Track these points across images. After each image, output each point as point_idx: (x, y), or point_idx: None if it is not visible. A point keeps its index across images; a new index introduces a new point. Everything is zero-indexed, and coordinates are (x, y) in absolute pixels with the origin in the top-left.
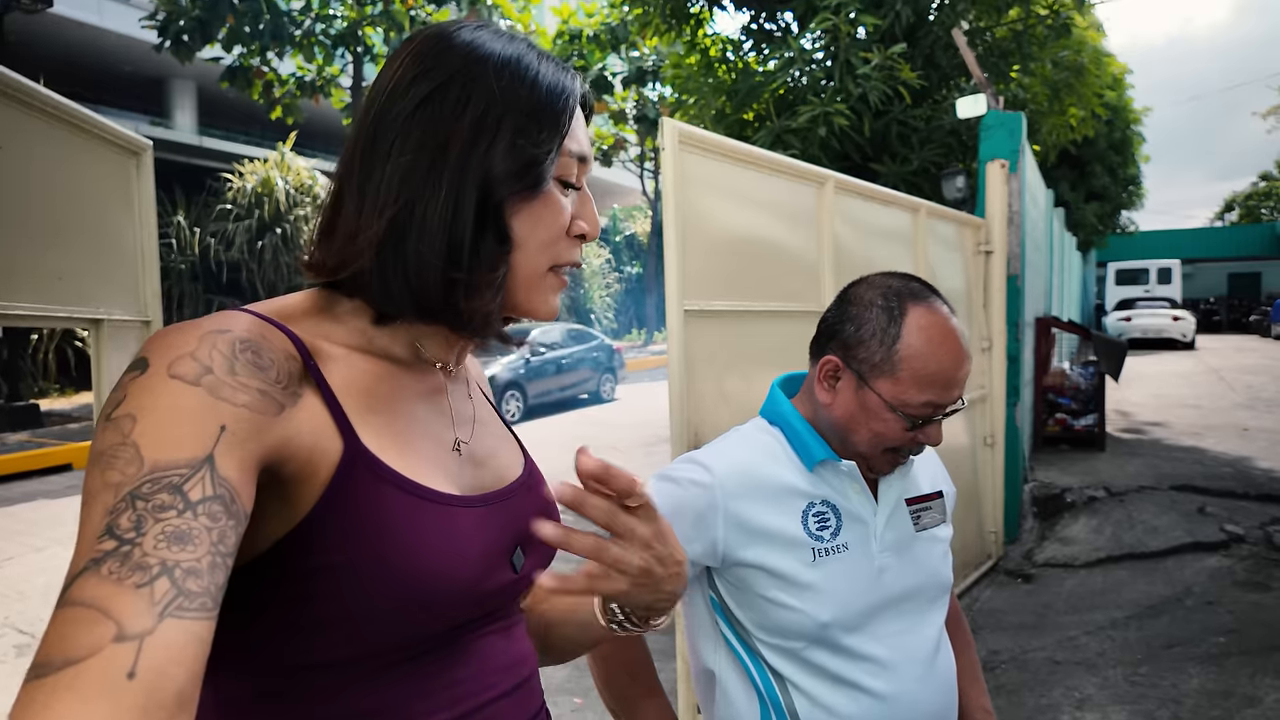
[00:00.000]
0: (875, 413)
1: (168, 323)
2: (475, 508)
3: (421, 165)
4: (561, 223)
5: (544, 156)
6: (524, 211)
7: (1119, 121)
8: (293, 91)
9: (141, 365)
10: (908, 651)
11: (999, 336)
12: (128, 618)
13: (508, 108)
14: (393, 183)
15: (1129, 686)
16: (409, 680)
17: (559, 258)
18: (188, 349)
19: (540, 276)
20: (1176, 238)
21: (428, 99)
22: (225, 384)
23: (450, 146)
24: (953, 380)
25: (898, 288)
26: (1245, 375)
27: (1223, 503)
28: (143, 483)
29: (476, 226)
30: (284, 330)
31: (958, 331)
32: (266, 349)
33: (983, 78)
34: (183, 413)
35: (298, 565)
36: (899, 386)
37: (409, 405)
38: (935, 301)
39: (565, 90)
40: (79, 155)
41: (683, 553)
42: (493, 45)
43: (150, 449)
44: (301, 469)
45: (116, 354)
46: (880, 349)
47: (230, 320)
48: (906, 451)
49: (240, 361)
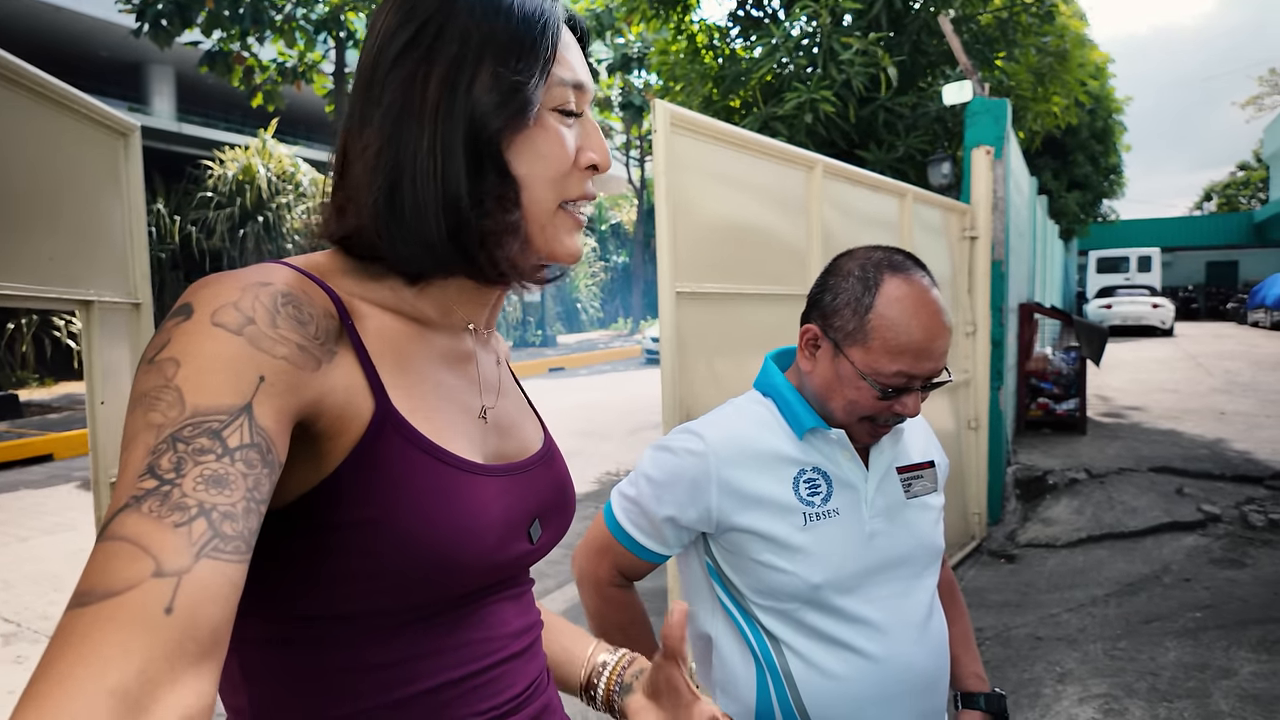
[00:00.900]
0: (849, 380)
1: (156, 306)
2: (498, 476)
3: (405, 113)
4: (564, 153)
5: (526, 82)
6: (520, 145)
7: (1101, 111)
8: (274, 78)
9: (186, 311)
10: (900, 615)
11: (983, 321)
12: (167, 555)
13: (484, 41)
14: (382, 136)
15: (1108, 660)
16: (420, 638)
17: (567, 191)
18: (231, 299)
19: (551, 215)
20: (1156, 226)
21: (406, 46)
22: (266, 336)
23: (429, 88)
24: (925, 351)
25: (877, 258)
26: (1222, 361)
27: (1200, 484)
28: (184, 426)
29: (472, 168)
30: (323, 286)
31: (934, 303)
32: (307, 304)
33: (968, 65)
34: (224, 361)
35: (323, 519)
36: (870, 355)
37: (439, 369)
38: (914, 273)
39: (543, 13)
40: (67, 136)
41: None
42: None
43: (192, 393)
44: (333, 425)
45: (106, 336)
46: (854, 318)
47: (273, 273)
48: (885, 420)
49: (282, 315)
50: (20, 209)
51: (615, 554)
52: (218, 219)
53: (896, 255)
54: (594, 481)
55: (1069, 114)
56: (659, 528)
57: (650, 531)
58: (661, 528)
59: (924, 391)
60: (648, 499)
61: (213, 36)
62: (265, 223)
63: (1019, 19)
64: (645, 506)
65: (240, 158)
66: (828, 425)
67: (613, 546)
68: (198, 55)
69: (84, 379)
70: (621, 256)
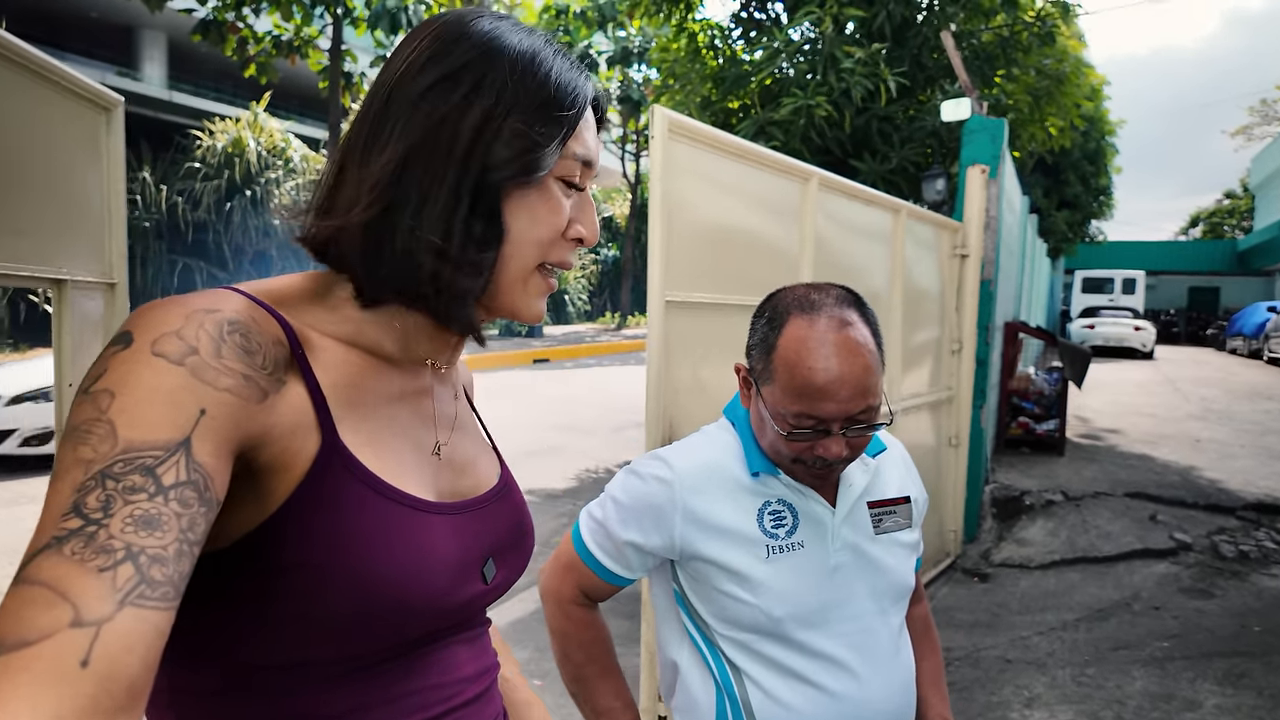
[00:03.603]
0: (766, 420)
1: (132, 285)
2: (449, 515)
3: (427, 148)
4: (559, 221)
5: (544, 145)
6: (518, 201)
7: (1094, 132)
8: (268, 50)
9: (125, 339)
10: (862, 651)
11: (969, 339)
12: (87, 602)
13: (516, 99)
14: (394, 162)
15: (1076, 687)
16: (371, 686)
17: (549, 256)
18: (174, 326)
19: (528, 274)
20: (1142, 249)
21: (439, 83)
22: (209, 366)
23: (456, 133)
24: (822, 392)
25: (792, 298)
26: (1200, 388)
27: (1173, 511)
28: (115, 462)
29: (470, 208)
30: (274, 315)
31: (839, 343)
32: (255, 332)
33: (968, 82)
34: (163, 393)
35: (267, 560)
36: (774, 395)
37: (392, 405)
38: (824, 312)
39: (577, 89)
40: (47, 108)
41: None
42: (510, 38)
43: (126, 427)
44: (277, 459)
45: (78, 316)
46: (762, 357)
47: (220, 299)
48: (813, 463)
49: (228, 344)
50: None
51: (579, 573)
52: (205, 190)
53: (816, 293)
54: (573, 478)
55: (1064, 137)
56: (622, 551)
57: (614, 554)
58: (625, 551)
59: (848, 435)
60: (613, 522)
61: (207, 4)
62: (253, 197)
63: (1020, 38)
64: (610, 529)
65: (230, 129)
66: (776, 468)
67: (577, 566)
68: (191, 22)
69: (52, 360)
70: (613, 249)
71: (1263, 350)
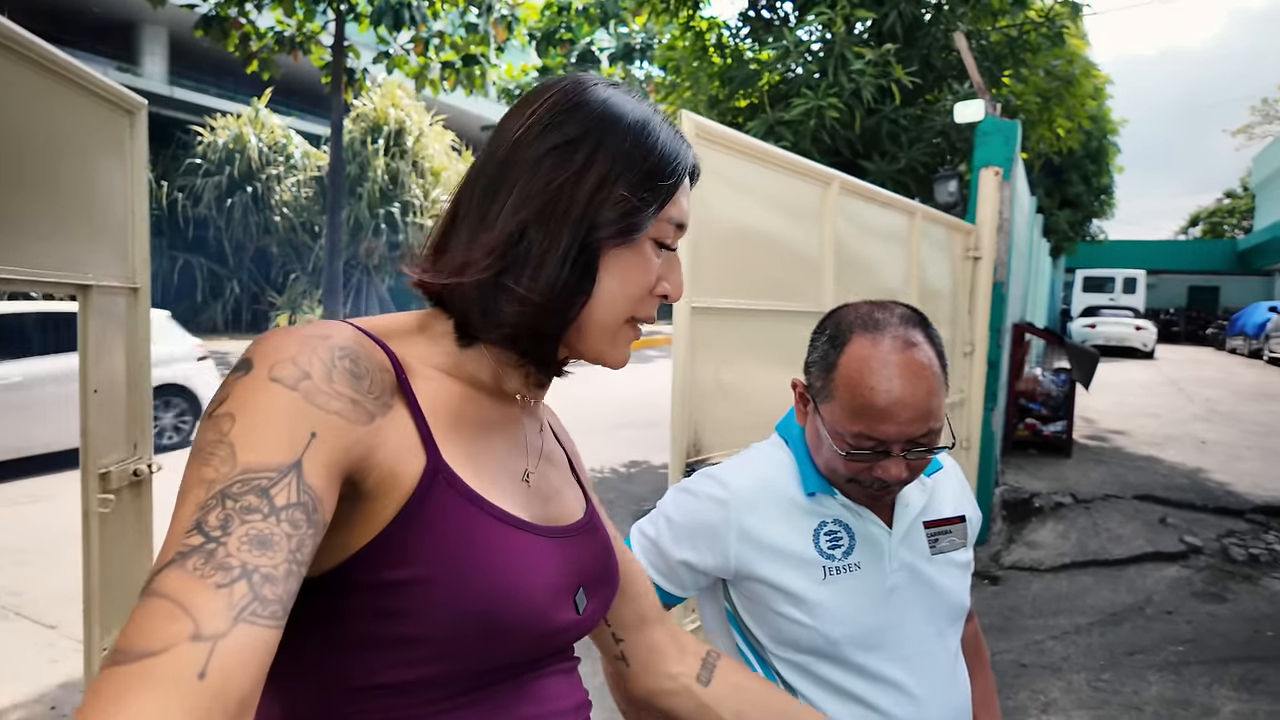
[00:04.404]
0: (825, 439)
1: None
2: (545, 538)
3: (547, 210)
4: (648, 280)
5: (644, 209)
6: (615, 260)
7: (1097, 131)
8: (270, 46)
9: (246, 366)
10: (920, 673)
11: (981, 342)
12: (205, 617)
13: (627, 167)
14: (511, 218)
15: (1092, 692)
16: (470, 714)
17: (638, 311)
18: (290, 354)
19: (618, 326)
20: (1142, 248)
21: (558, 149)
22: (321, 390)
23: (576, 197)
24: (884, 413)
25: (855, 315)
26: (1203, 388)
27: (1182, 514)
28: (233, 482)
29: (572, 263)
30: (380, 344)
31: (903, 364)
32: (363, 358)
33: (981, 84)
34: (278, 416)
35: (374, 579)
36: (834, 415)
37: (488, 431)
38: (888, 331)
39: (680, 160)
40: (71, 112)
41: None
42: (624, 108)
43: (244, 450)
44: (384, 480)
45: (103, 320)
46: (821, 375)
47: (332, 329)
48: (870, 484)
49: (338, 369)
50: (19, 187)
51: None
52: (206, 186)
53: (880, 312)
54: None
55: (1071, 138)
56: (675, 570)
57: (666, 573)
58: (677, 570)
59: (908, 457)
60: (666, 540)
61: (210, 0)
62: (254, 193)
63: (1029, 38)
64: (663, 548)
65: (232, 125)
66: (833, 489)
67: None
68: (193, 18)
69: (79, 365)
70: None
71: (1263, 350)
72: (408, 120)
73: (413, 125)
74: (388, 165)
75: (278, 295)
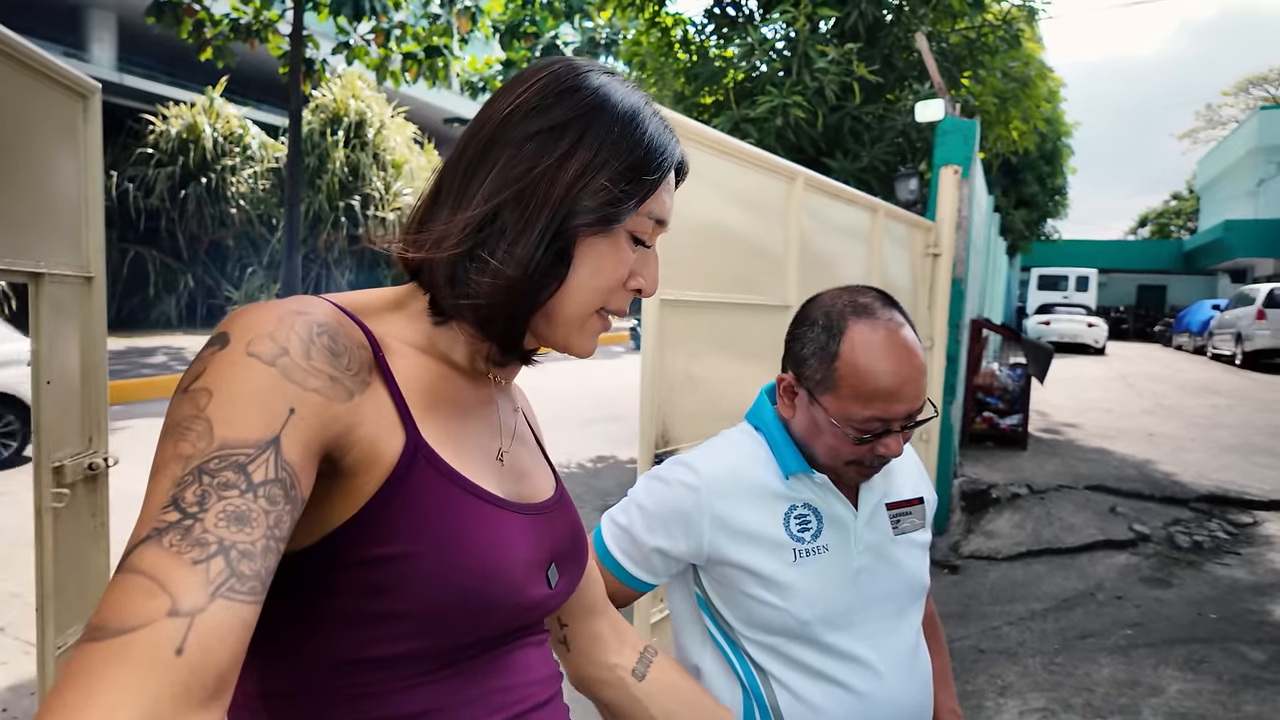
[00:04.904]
0: (827, 428)
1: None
2: (519, 514)
3: (525, 193)
4: (621, 272)
5: (625, 201)
6: (589, 248)
7: (1051, 133)
8: (225, 33)
9: (222, 340)
10: (887, 651)
11: (940, 337)
12: (183, 593)
13: (611, 157)
14: (490, 198)
15: (1047, 675)
16: (451, 685)
17: (608, 302)
18: (267, 329)
19: (587, 315)
20: (1094, 248)
21: (544, 133)
22: (299, 367)
23: (556, 182)
24: (895, 394)
25: (842, 304)
26: (1151, 383)
27: (1131, 503)
28: (210, 458)
29: (545, 247)
30: (357, 322)
31: (903, 344)
32: (341, 335)
33: (942, 84)
34: (255, 392)
35: (354, 556)
36: (841, 403)
37: (462, 410)
38: (880, 316)
39: (666, 155)
40: (22, 95)
41: None
42: (615, 97)
43: (221, 425)
44: (363, 457)
45: (56, 309)
46: (821, 367)
47: (310, 304)
48: (871, 462)
49: (316, 345)
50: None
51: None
52: (158, 177)
53: (862, 298)
54: None
55: (1026, 139)
56: (648, 557)
57: (639, 560)
58: (650, 557)
59: (906, 430)
60: (639, 528)
61: None
62: (209, 184)
63: (987, 40)
64: (636, 535)
65: (185, 115)
66: (812, 469)
67: (600, 572)
68: (143, 2)
69: (30, 355)
70: None
71: (1207, 347)
72: (369, 112)
73: (374, 117)
74: (348, 157)
75: (234, 290)
